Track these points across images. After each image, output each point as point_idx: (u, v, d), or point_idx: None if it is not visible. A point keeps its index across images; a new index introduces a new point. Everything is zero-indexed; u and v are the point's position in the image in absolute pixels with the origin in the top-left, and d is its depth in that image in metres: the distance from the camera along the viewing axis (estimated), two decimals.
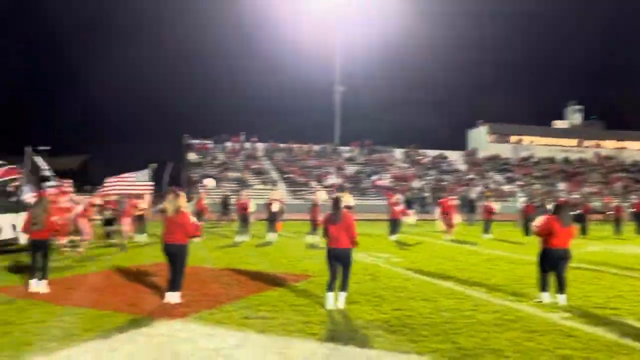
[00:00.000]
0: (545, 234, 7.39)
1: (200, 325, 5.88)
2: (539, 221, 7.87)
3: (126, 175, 14.90)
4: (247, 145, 46.03)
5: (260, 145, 46.58)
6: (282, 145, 47.21)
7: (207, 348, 5.06)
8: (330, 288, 7.00)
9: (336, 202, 7.29)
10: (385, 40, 54.25)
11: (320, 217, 14.21)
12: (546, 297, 7.35)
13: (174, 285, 7.14)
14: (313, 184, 39.32)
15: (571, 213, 8.62)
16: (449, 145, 54.57)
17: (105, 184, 14.87)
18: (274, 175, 41.15)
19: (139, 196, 15.18)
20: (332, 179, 40.77)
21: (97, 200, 14.47)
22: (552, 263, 7.35)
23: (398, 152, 50.49)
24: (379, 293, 7.86)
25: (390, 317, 6.41)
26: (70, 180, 15.68)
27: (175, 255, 7.20)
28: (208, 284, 8.43)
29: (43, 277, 7.46)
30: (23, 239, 10.86)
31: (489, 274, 9.81)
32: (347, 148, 49.39)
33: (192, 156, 41.49)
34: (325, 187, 35.50)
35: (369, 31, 51.82)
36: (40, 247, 7.61)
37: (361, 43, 52.25)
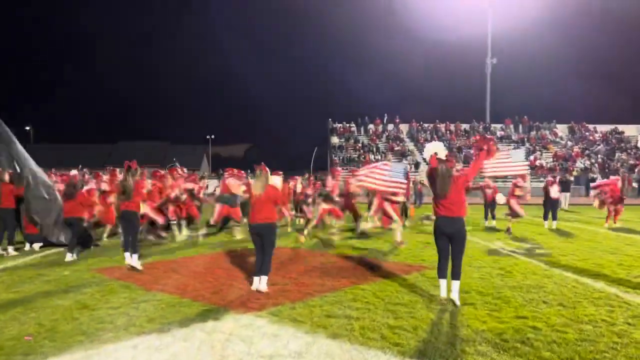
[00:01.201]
0: None
1: (270, 322, 5.11)
2: None
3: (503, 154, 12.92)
4: (390, 126, 44.79)
5: (403, 127, 45.02)
6: (426, 125, 45.04)
7: (260, 354, 4.25)
8: (442, 274, 5.82)
9: (438, 168, 5.96)
10: (542, 6, 48.26)
11: None
12: None
13: (262, 269, 6.57)
14: (460, 166, 36.79)
15: None
16: (625, 119, 47.01)
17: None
18: (418, 157, 39.41)
19: (522, 177, 13.72)
20: None
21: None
22: None
23: (561, 129, 45.01)
24: (505, 293, 6.34)
25: (508, 327, 4.97)
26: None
27: (263, 236, 6.61)
28: (307, 272, 7.68)
29: (134, 252, 7.37)
30: None
31: None
32: (499, 125, 45.40)
33: (334, 140, 41.64)
34: None
35: None
36: (126, 220, 7.56)
37: (516, 6, 47.22)
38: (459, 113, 50.16)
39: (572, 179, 26.10)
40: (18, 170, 9.72)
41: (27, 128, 64.48)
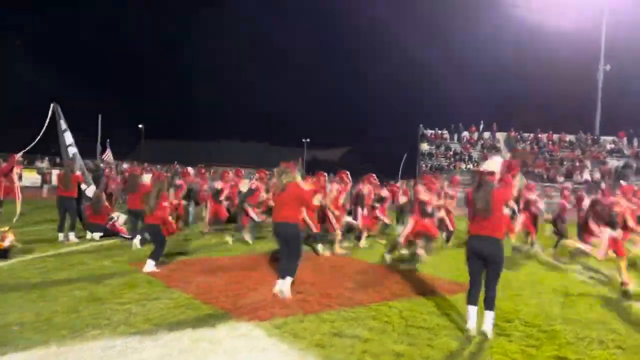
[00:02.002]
0: None
1: (268, 335, 4.69)
2: None
3: None
4: (486, 134, 42.40)
5: (500, 135, 42.40)
6: (526, 134, 42.06)
7: None
8: (472, 300, 5.10)
9: (481, 179, 5.24)
10: None
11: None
12: None
13: (284, 272, 6.24)
14: (561, 179, 33.87)
15: None
16: None
17: None
18: None
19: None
20: (587, 175, 34.44)
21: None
22: None
23: None
24: (554, 327, 5.41)
25: None
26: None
27: (285, 239, 6.32)
28: (340, 283, 7.16)
29: (153, 259, 7.27)
30: None
31: None
32: (610, 138, 41.25)
33: (424, 146, 40.24)
34: (578, 183, 30.39)
35: None
36: (150, 232, 7.53)
37: (635, 6, 42.67)
38: (565, 123, 46.26)
39: None
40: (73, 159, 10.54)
41: (140, 126, 69.39)
